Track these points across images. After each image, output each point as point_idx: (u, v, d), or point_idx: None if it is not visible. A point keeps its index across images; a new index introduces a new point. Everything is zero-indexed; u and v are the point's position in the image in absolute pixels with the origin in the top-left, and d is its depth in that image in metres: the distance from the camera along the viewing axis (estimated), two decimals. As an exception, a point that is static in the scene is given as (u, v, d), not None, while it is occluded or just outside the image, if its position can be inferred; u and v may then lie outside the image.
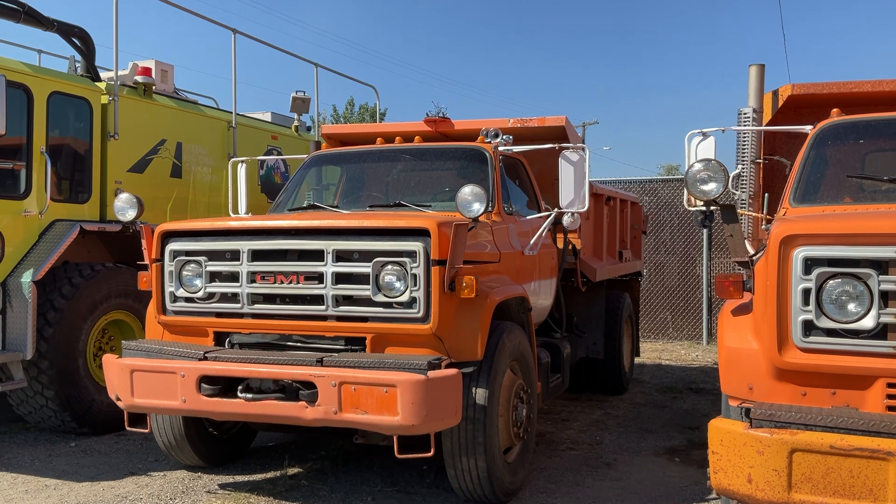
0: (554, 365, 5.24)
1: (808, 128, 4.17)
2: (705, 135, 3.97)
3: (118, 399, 4.03)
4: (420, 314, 3.69)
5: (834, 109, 4.21)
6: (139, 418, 4.21)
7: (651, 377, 8.31)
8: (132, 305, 5.92)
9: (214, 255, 4.03)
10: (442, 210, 4.62)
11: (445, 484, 4.25)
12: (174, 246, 4.11)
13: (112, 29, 6.05)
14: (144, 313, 4.49)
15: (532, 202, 5.46)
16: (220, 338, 4.13)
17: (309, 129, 8.75)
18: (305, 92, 8.28)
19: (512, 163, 5.30)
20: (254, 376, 3.74)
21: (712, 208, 3.30)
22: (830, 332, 2.84)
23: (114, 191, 5.95)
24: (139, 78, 6.37)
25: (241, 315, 4.01)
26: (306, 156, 5.80)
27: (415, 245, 3.69)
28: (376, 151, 5.44)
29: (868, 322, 2.78)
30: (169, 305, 4.16)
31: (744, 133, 4.71)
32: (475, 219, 3.91)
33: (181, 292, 4.11)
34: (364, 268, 3.76)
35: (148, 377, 3.87)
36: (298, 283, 3.84)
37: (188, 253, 4.09)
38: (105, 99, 6.04)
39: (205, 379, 3.78)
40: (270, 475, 4.68)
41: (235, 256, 3.97)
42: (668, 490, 4.46)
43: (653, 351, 10.17)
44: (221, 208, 6.89)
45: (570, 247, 5.72)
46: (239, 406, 3.73)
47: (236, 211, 5.83)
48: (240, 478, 4.64)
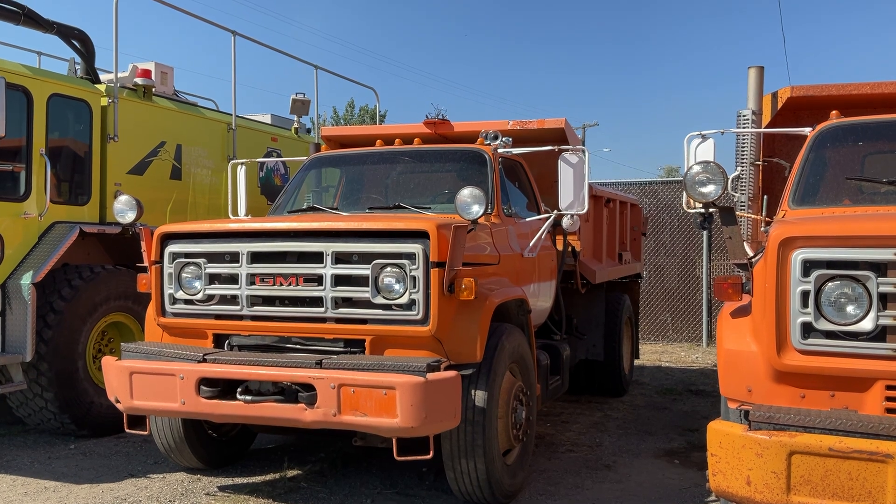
0: (553, 367, 5.23)
1: (807, 130, 4.17)
2: (704, 137, 3.98)
3: (117, 401, 4.03)
4: (419, 316, 3.69)
5: (833, 111, 4.21)
6: (138, 420, 4.21)
7: (651, 379, 8.31)
8: (132, 307, 5.92)
9: (214, 258, 4.03)
10: (441, 212, 4.63)
11: (445, 486, 4.25)
12: (173, 248, 4.12)
13: (112, 31, 6.06)
14: (144, 315, 4.48)
15: (532, 204, 5.46)
16: (220, 340, 4.13)
17: (309, 131, 8.75)
18: (305, 94, 8.30)
19: (511, 165, 5.30)
20: (253, 378, 3.74)
21: (711, 210, 3.30)
22: (829, 335, 2.84)
23: (113, 193, 5.95)
24: (139, 80, 6.37)
25: (241, 317, 4.01)
26: (306, 158, 5.81)
27: (414, 247, 3.69)
28: (376, 153, 5.44)
29: (867, 324, 2.78)
30: (168, 307, 4.16)
31: (743, 135, 4.71)
32: (474, 221, 3.92)
33: (180, 294, 4.11)
34: (363, 270, 3.76)
35: (147, 379, 3.87)
36: (298, 285, 3.84)
37: (187, 255, 4.09)
38: (105, 101, 6.05)
39: (204, 381, 3.78)
40: (270, 477, 4.67)
41: (235, 258, 3.97)
42: (668, 492, 4.46)
43: (653, 353, 10.17)
44: (221, 210, 6.90)
45: (570, 249, 5.73)
46: (238, 408, 3.73)
47: (236, 213, 5.83)
48: (239, 480, 4.64)
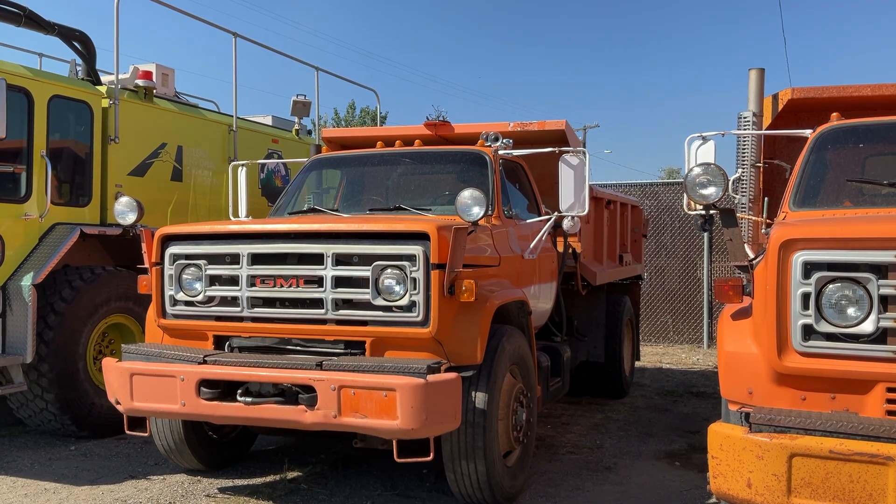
0: (554, 368, 5.23)
1: (808, 132, 4.17)
2: (705, 139, 3.98)
3: (118, 402, 4.02)
4: (419, 318, 3.69)
5: (834, 113, 4.21)
6: (138, 422, 4.21)
7: (652, 381, 8.30)
8: (132, 309, 5.92)
9: (214, 259, 4.03)
10: (442, 214, 4.63)
11: (445, 488, 4.24)
12: (174, 249, 4.12)
13: (113, 32, 6.07)
14: (144, 317, 4.48)
15: (532, 206, 5.46)
16: (220, 341, 4.13)
17: (310, 133, 8.76)
18: (306, 95, 8.30)
19: (512, 166, 5.30)
20: (253, 380, 3.73)
21: (712, 212, 3.30)
22: (830, 337, 2.84)
23: (114, 194, 5.95)
24: (140, 81, 6.38)
25: (241, 319, 4.00)
26: (307, 159, 5.81)
27: (414, 249, 3.69)
28: (376, 155, 5.44)
29: (867, 326, 2.78)
30: (169, 309, 4.16)
31: (744, 137, 4.71)
32: (475, 222, 3.91)
33: (181, 296, 4.11)
34: (364, 271, 3.76)
35: (147, 381, 3.87)
36: (298, 287, 3.84)
37: (188, 256, 4.09)
38: (106, 102, 6.06)
39: (204, 382, 3.78)
40: (270, 479, 4.67)
41: (235, 260, 3.97)
42: (669, 494, 4.45)
43: (653, 354, 10.16)
44: (222, 212, 6.90)
45: (571, 250, 5.72)
46: (238, 410, 3.72)
47: (236, 214, 5.83)
48: (239, 481, 4.64)
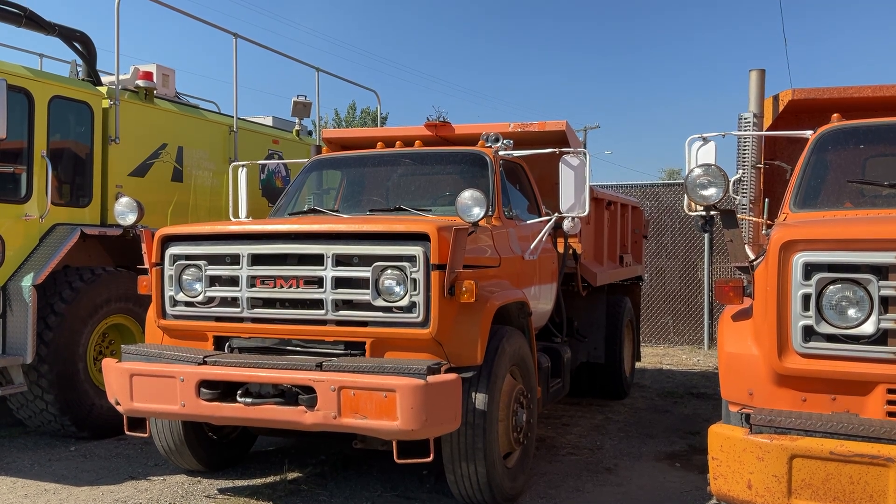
0: (554, 369, 5.22)
1: (809, 133, 4.18)
2: (706, 140, 3.98)
3: (117, 403, 4.02)
4: (420, 319, 3.69)
5: (834, 114, 4.21)
6: (138, 423, 4.20)
7: (652, 382, 8.29)
8: (133, 309, 5.91)
9: (214, 260, 4.03)
10: (442, 214, 4.63)
11: (445, 489, 4.24)
12: (174, 250, 4.11)
13: (113, 33, 6.07)
14: (145, 317, 4.48)
15: (532, 207, 5.46)
16: (220, 342, 4.13)
17: (310, 134, 8.75)
18: (307, 96, 8.30)
19: (512, 167, 5.30)
20: (253, 381, 3.73)
21: (712, 213, 3.30)
22: (830, 338, 2.85)
23: (115, 195, 5.95)
24: (140, 82, 6.38)
25: (241, 319, 4.00)
26: (307, 160, 5.81)
27: (414, 249, 3.68)
28: (377, 156, 5.44)
29: (868, 328, 2.78)
30: (169, 310, 4.15)
31: (744, 138, 4.71)
32: (475, 223, 3.91)
33: (181, 296, 4.10)
34: (364, 272, 3.75)
35: (147, 381, 3.86)
36: (298, 288, 3.84)
37: (188, 257, 4.09)
38: (106, 103, 6.05)
39: (204, 383, 3.77)
40: (270, 480, 4.67)
41: (235, 260, 3.97)
42: (669, 495, 4.45)
43: (654, 355, 10.16)
44: (222, 212, 6.90)
45: (571, 251, 5.71)
46: (238, 411, 3.72)
47: (237, 215, 5.83)
48: (239, 482, 4.63)
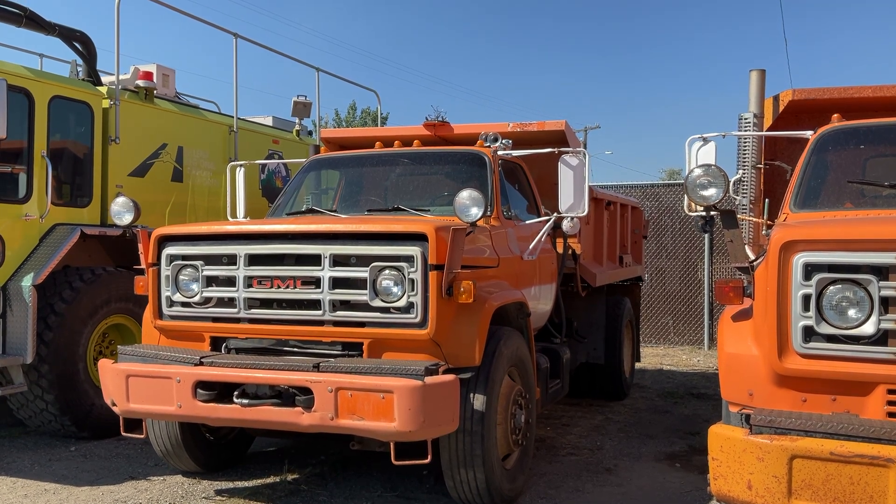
0: (553, 370, 5.21)
1: (809, 133, 4.17)
2: (706, 140, 3.97)
3: (114, 404, 4.01)
4: (417, 319, 3.67)
5: (835, 115, 4.20)
6: (135, 424, 4.20)
7: (652, 382, 8.28)
8: (133, 310, 5.91)
9: (211, 260, 4.01)
10: (441, 214, 4.61)
11: (445, 489, 4.22)
12: (171, 250, 4.10)
13: (113, 33, 6.07)
14: (144, 318, 4.48)
15: (532, 207, 5.44)
16: (217, 343, 4.12)
17: (310, 134, 8.75)
18: (307, 96, 8.29)
19: (511, 167, 5.28)
20: (250, 382, 3.71)
21: (712, 213, 3.30)
22: (831, 339, 2.84)
23: (115, 195, 5.95)
24: (140, 82, 6.38)
25: (238, 320, 3.98)
26: (305, 160, 5.80)
27: (412, 249, 3.67)
28: (375, 155, 5.43)
29: (868, 328, 2.78)
30: (165, 310, 4.14)
31: (744, 138, 4.70)
32: (473, 223, 3.90)
33: (178, 297, 4.09)
34: (361, 272, 3.74)
35: (143, 382, 3.85)
36: (295, 288, 3.82)
37: (185, 257, 4.07)
38: (106, 103, 6.06)
39: (201, 384, 3.76)
40: (270, 480, 4.66)
41: (232, 261, 3.95)
42: (669, 496, 4.44)
43: (654, 356, 10.14)
44: (222, 213, 6.90)
45: (570, 251, 5.70)
46: (235, 412, 3.71)
47: (235, 215, 5.82)
48: (239, 482, 4.63)
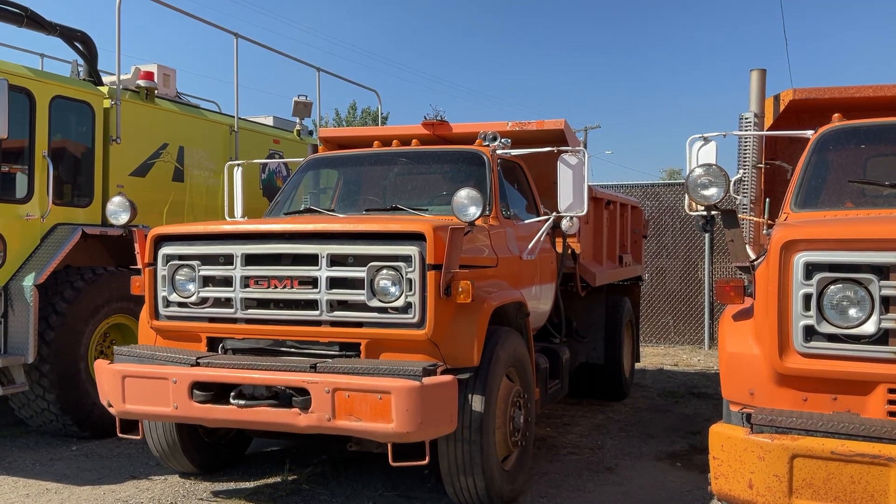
0: (553, 370, 5.19)
1: (810, 133, 4.17)
2: (707, 139, 3.96)
3: (109, 405, 3.99)
4: (415, 319, 3.65)
5: (835, 114, 4.19)
6: (132, 425, 4.19)
7: (653, 381, 8.26)
8: (134, 309, 5.90)
9: (208, 260, 3.99)
10: (439, 214, 4.59)
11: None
12: (167, 250, 4.08)
13: (114, 33, 6.09)
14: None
15: (531, 206, 5.42)
16: (214, 343, 4.10)
17: (311, 133, 8.75)
18: (307, 96, 8.30)
19: (510, 166, 5.26)
20: (246, 382, 3.69)
21: (713, 213, 3.30)
22: (831, 338, 2.84)
23: (116, 195, 5.96)
24: (141, 82, 6.39)
25: (235, 320, 3.97)
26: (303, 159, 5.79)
27: (410, 249, 3.65)
28: (373, 155, 5.41)
29: (869, 327, 2.78)
30: (162, 310, 4.12)
31: (745, 138, 4.68)
32: (471, 222, 3.88)
33: (174, 297, 4.07)
34: (359, 272, 3.72)
35: (139, 383, 3.83)
36: (292, 288, 3.80)
37: (181, 257, 4.05)
38: (107, 103, 6.07)
39: (197, 385, 3.74)
40: (271, 479, 4.66)
41: (229, 261, 3.93)
42: (670, 495, 4.43)
43: (655, 355, 10.12)
44: (221, 212, 6.90)
45: (570, 251, 5.67)
46: (231, 413, 3.69)
47: (232, 215, 5.81)
48: (241, 482, 4.63)
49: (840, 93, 4.65)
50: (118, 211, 4.31)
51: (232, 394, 3.72)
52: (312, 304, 3.80)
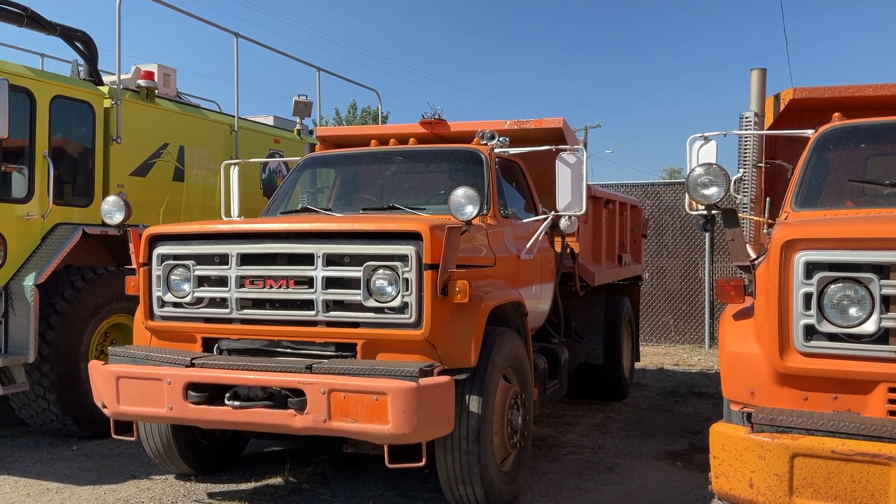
0: (551, 371, 5.16)
1: (810, 132, 4.17)
2: (707, 139, 3.95)
3: (104, 406, 3.97)
4: (412, 320, 3.62)
5: (835, 113, 4.19)
6: (126, 426, 4.17)
7: (653, 381, 8.24)
8: (134, 309, 5.88)
9: (203, 259, 3.97)
10: (437, 213, 4.57)
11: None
12: (162, 250, 4.05)
13: (115, 33, 6.09)
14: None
15: (529, 205, 5.39)
16: (209, 344, 4.07)
17: (311, 133, 8.74)
18: (307, 96, 8.29)
19: (508, 165, 5.23)
20: (241, 383, 3.67)
21: (713, 212, 3.30)
22: (832, 337, 2.85)
23: (116, 194, 5.96)
24: (142, 82, 6.39)
25: (230, 320, 3.94)
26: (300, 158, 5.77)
27: (406, 249, 3.62)
28: (370, 153, 5.38)
29: (869, 326, 2.78)
30: (156, 311, 4.10)
31: (745, 137, 4.67)
32: (468, 222, 3.84)
33: (169, 297, 4.05)
34: (355, 272, 3.69)
35: (134, 384, 3.81)
36: (288, 288, 3.77)
37: (176, 257, 4.03)
38: (108, 103, 6.07)
39: (192, 386, 3.72)
40: (272, 479, 4.66)
41: (224, 260, 3.91)
42: (670, 494, 4.41)
43: (655, 355, 10.09)
44: (218, 212, 6.90)
45: (569, 250, 5.64)
46: (226, 414, 3.67)
47: (229, 214, 5.80)
48: (241, 482, 4.63)
49: (840, 92, 4.64)
50: (112, 210, 4.29)
51: (227, 395, 3.70)
52: (308, 305, 3.78)
